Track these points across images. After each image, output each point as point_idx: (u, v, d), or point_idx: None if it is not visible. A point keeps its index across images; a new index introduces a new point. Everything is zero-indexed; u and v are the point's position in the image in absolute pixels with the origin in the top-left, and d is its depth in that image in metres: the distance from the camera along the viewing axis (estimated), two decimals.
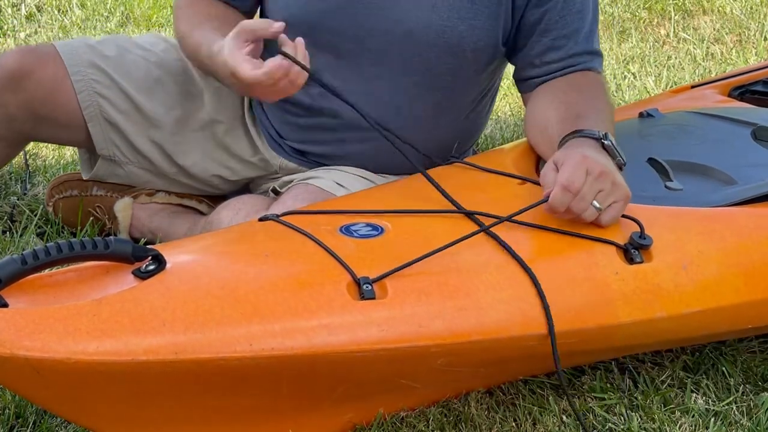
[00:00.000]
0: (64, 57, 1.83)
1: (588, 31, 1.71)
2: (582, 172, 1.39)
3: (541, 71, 1.72)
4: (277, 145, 1.88)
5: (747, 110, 1.94)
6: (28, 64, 1.81)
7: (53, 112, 1.83)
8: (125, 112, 1.85)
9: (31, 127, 1.85)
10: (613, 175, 1.42)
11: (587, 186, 1.39)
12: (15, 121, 1.83)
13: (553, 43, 1.70)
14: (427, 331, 1.26)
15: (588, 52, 1.72)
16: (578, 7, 1.69)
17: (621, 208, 1.43)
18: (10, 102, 1.81)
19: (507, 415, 1.45)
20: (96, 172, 1.92)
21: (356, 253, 1.31)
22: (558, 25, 1.69)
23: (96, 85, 1.84)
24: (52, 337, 1.11)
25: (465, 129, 1.84)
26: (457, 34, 1.67)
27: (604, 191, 1.41)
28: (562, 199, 1.39)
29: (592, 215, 1.41)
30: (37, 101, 1.81)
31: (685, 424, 1.43)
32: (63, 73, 1.82)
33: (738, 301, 1.45)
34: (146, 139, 1.87)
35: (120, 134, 1.87)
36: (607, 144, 1.49)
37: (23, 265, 1.15)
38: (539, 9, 1.68)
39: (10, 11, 3.55)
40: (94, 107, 1.84)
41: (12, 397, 1.40)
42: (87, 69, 1.84)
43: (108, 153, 1.88)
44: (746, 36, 3.58)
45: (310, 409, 1.33)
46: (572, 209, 1.40)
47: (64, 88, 1.82)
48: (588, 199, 1.40)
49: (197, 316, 1.17)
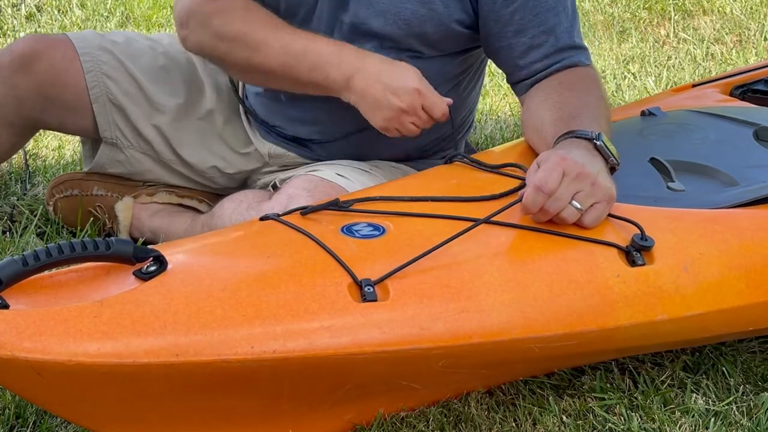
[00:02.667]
0: (74, 41, 1.89)
1: (568, 26, 1.71)
2: (557, 173, 1.39)
3: (528, 72, 1.72)
4: (266, 132, 1.91)
5: (749, 110, 1.94)
6: (39, 47, 1.86)
7: (62, 94, 1.88)
8: (130, 95, 1.90)
9: (39, 111, 1.89)
10: (593, 176, 1.41)
11: (564, 186, 1.39)
12: (24, 104, 1.87)
13: (533, 42, 1.70)
14: (428, 334, 1.26)
15: (571, 47, 1.72)
16: (551, 4, 1.69)
17: (604, 208, 1.42)
18: (20, 84, 1.85)
19: (507, 415, 1.45)
20: (98, 159, 1.94)
21: (358, 253, 1.31)
22: (533, 24, 1.69)
23: (104, 66, 1.89)
24: (53, 338, 1.11)
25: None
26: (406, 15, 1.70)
27: (583, 192, 1.40)
28: (535, 199, 1.38)
29: (573, 215, 1.40)
30: (47, 83, 1.86)
31: (685, 424, 1.43)
32: (72, 55, 1.87)
33: (740, 303, 1.45)
34: (148, 123, 1.92)
35: (123, 116, 1.91)
36: (599, 145, 1.48)
37: (24, 266, 1.15)
38: (507, 9, 1.69)
39: (10, 11, 3.55)
40: (101, 87, 1.89)
41: (12, 397, 1.40)
42: (96, 51, 1.89)
43: (110, 135, 1.91)
44: (746, 36, 3.58)
45: (310, 410, 1.33)
46: (548, 209, 1.39)
47: (73, 68, 1.87)
48: (564, 199, 1.39)
49: (198, 318, 1.17)
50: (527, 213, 1.40)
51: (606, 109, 1.65)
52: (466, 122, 1.97)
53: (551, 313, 1.33)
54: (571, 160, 1.41)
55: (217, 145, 1.95)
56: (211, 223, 1.80)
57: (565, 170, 1.39)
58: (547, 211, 1.40)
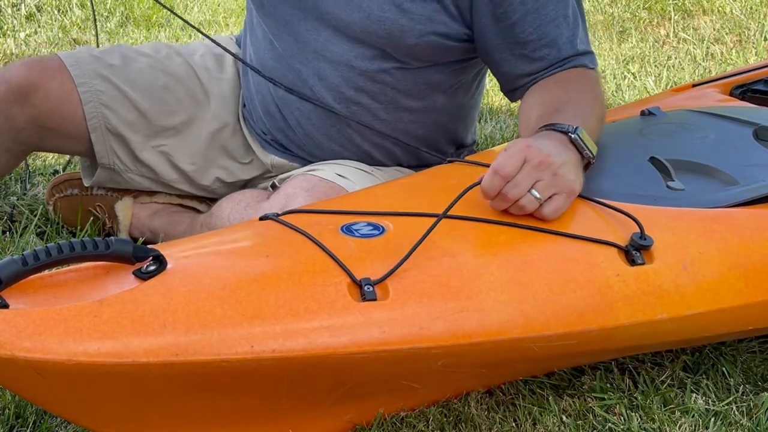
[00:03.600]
0: (70, 69, 1.84)
1: (570, 35, 1.69)
2: (518, 158, 1.37)
3: (528, 79, 1.71)
4: (266, 143, 1.89)
5: (749, 110, 1.94)
6: (35, 77, 1.82)
7: (60, 125, 1.85)
8: (130, 123, 1.87)
9: (37, 139, 1.87)
10: (555, 166, 1.39)
11: (523, 173, 1.37)
12: (22, 133, 1.85)
13: (534, 55, 1.68)
14: (428, 333, 1.26)
15: (574, 55, 1.70)
16: (552, 15, 1.66)
17: (563, 201, 1.40)
18: (17, 115, 1.82)
19: (507, 415, 1.45)
20: (96, 179, 1.93)
21: (357, 253, 1.31)
22: (533, 37, 1.67)
23: (102, 96, 1.85)
24: (52, 338, 1.11)
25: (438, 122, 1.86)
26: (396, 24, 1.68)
27: (544, 181, 1.38)
28: (491, 183, 1.37)
29: (531, 204, 1.38)
30: (44, 115, 1.83)
31: (685, 424, 1.43)
32: (70, 86, 1.83)
33: (739, 302, 1.45)
34: (150, 147, 1.89)
35: (122, 144, 1.88)
36: (574, 138, 1.46)
37: (24, 265, 1.15)
38: (505, 22, 1.66)
39: (10, 11, 3.55)
40: (99, 118, 1.85)
41: (12, 397, 1.40)
42: (93, 80, 1.85)
43: (108, 162, 1.89)
44: (746, 36, 3.58)
45: (310, 410, 1.33)
46: (506, 195, 1.37)
47: (71, 100, 1.84)
48: (523, 186, 1.37)
49: (198, 318, 1.17)
50: (486, 198, 1.39)
51: (599, 109, 1.63)
52: (469, 127, 1.97)
53: (551, 313, 1.33)
54: (535, 147, 1.39)
55: (221, 156, 1.93)
56: (210, 223, 1.80)
57: (526, 157, 1.38)
58: (505, 196, 1.37)
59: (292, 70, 1.78)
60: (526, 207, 1.39)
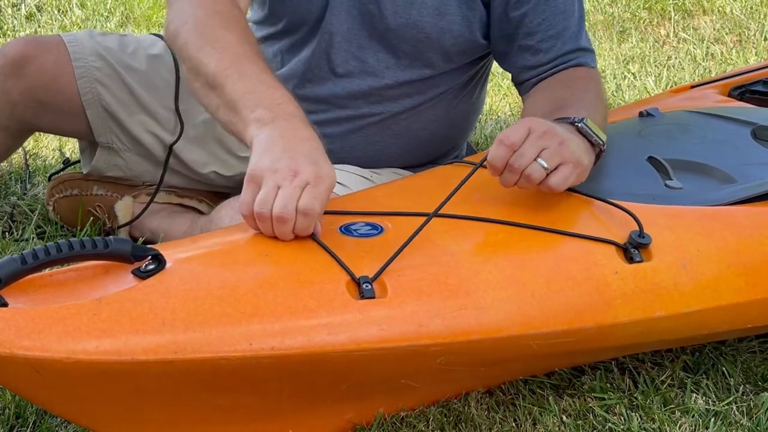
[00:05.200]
0: (68, 44, 1.86)
1: (575, 30, 1.73)
2: (523, 129, 1.37)
3: (533, 73, 1.73)
4: None
5: (747, 110, 1.94)
6: (31, 50, 1.83)
7: (54, 99, 1.85)
8: (124, 103, 1.88)
9: (32, 115, 1.87)
10: (561, 136, 1.38)
11: (529, 142, 1.36)
12: (17, 108, 1.85)
13: (540, 45, 1.71)
14: (426, 331, 1.26)
15: (577, 49, 1.73)
16: (561, 8, 1.70)
17: (569, 171, 1.39)
18: (12, 88, 1.83)
19: (507, 415, 1.45)
20: (95, 163, 1.93)
21: (356, 252, 1.31)
22: (542, 27, 1.70)
23: (96, 72, 1.86)
24: (51, 336, 1.11)
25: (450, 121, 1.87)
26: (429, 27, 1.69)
27: (550, 149, 1.37)
28: (497, 153, 1.36)
29: (539, 173, 1.37)
30: (38, 87, 1.84)
31: (685, 424, 1.43)
32: (65, 59, 1.84)
33: (738, 300, 1.45)
34: (144, 129, 1.89)
35: (118, 123, 1.88)
36: (580, 126, 1.46)
37: (23, 264, 1.15)
38: (517, 12, 1.69)
39: (10, 11, 3.56)
40: (93, 94, 1.86)
41: (12, 397, 1.40)
42: (89, 56, 1.86)
43: (106, 140, 1.90)
44: (746, 36, 3.58)
45: (309, 409, 1.33)
46: (513, 165, 1.36)
47: (65, 73, 1.84)
48: (528, 155, 1.36)
49: (197, 316, 1.17)
50: (494, 173, 1.39)
51: (602, 107, 1.64)
52: (472, 126, 1.98)
53: (549, 310, 1.33)
54: (539, 121, 1.39)
55: (216, 149, 1.93)
56: (208, 229, 1.80)
57: (531, 127, 1.38)
58: (512, 167, 1.37)
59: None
60: (532, 176, 1.37)
